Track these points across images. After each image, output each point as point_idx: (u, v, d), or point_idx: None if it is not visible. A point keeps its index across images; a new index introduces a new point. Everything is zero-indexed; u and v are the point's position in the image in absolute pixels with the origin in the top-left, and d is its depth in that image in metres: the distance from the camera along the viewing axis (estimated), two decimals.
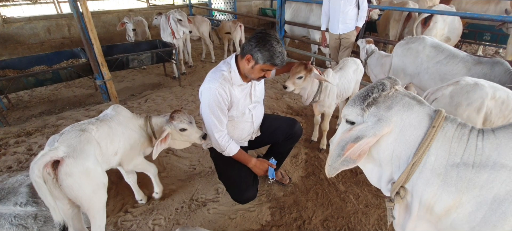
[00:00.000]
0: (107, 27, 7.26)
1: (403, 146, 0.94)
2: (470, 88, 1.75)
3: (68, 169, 1.33)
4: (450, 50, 2.53)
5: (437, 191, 0.89)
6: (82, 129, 1.53)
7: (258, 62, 1.63)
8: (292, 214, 2.09)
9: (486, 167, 0.82)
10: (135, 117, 1.90)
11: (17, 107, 3.92)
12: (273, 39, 1.59)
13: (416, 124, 0.92)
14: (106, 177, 1.55)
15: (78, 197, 1.40)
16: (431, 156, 0.89)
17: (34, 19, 6.29)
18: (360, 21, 3.69)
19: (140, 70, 5.43)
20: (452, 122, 0.91)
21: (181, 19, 4.49)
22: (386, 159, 0.99)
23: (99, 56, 3.50)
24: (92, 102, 4.02)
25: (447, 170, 0.87)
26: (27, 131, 3.19)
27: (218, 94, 1.71)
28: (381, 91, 0.98)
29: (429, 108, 0.94)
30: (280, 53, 1.60)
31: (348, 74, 2.68)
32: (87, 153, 1.43)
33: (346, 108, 1.06)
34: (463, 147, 0.87)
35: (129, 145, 1.80)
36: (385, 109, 0.95)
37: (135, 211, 2.09)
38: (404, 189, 0.97)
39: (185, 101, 4.00)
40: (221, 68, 1.78)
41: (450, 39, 4.28)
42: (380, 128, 0.93)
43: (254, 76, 1.71)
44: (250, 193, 1.98)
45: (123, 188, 2.26)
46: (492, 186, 0.81)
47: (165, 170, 2.52)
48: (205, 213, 2.08)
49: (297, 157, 2.73)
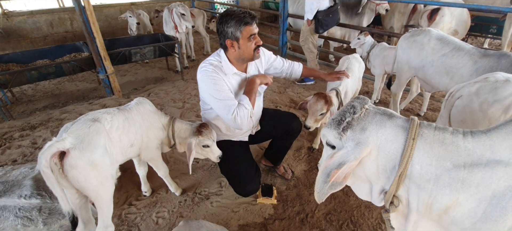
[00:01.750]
0: (109, 21, 7.25)
1: (386, 160, 0.97)
2: (499, 84, 1.64)
3: (73, 161, 1.34)
4: (456, 43, 2.48)
5: (431, 195, 0.91)
6: (94, 119, 1.51)
7: (237, 36, 1.59)
8: (295, 207, 2.09)
9: (479, 166, 0.83)
10: (158, 113, 1.89)
11: (21, 101, 3.95)
12: (229, 10, 1.60)
13: (392, 138, 0.95)
14: (115, 168, 1.56)
15: (84, 188, 1.41)
16: (416, 165, 0.91)
17: (36, 13, 6.29)
18: (308, 14, 3.85)
19: (143, 64, 5.43)
20: (428, 128, 0.94)
21: (184, 13, 4.47)
22: (374, 175, 1.02)
23: (101, 50, 3.49)
24: (95, 96, 4.03)
25: (437, 174, 0.88)
26: (31, 124, 3.21)
27: (211, 72, 1.66)
28: (353, 115, 1.01)
29: (400, 120, 0.97)
30: (243, 12, 1.58)
31: (354, 74, 2.57)
32: (95, 144, 1.42)
33: (324, 130, 1.09)
34: (449, 150, 0.88)
35: (147, 138, 1.79)
36: (360, 132, 0.98)
37: (139, 204, 2.11)
38: (397, 198, 0.99)
39: (188, 95, 4.00)
40: (209, 59, 1.77)
41: (457, 32, 4.20)
42: (359, 151, 0.96)
43: (248, 52, 1.65)
44: (252, 186, 1.98)
45: (127, 181, 2.27)
46: (489, 182, 0.81)
47: (169, 163, 2.52)
48: (208, 206, 2.09)
49: (299, 151, 2.73)
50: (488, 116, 1.69)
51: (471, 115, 1.77)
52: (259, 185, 2.09)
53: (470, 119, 1.78)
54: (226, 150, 1.97)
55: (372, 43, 3.49)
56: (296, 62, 2.18)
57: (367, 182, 1.08)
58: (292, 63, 2.16)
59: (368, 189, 1.10)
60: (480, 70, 2.25)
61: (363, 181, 1.09)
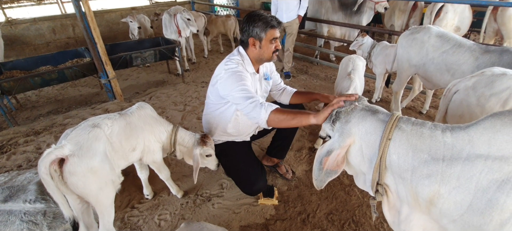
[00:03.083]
0: (110, 26, 7.32)
1: (368, 150, 1.07)
2: (496, 77, 1.64)
3: (72, 168, 1.35)
4: (456, 39, 2.47)
5: (412, 185, 0.96)
6: (94, 125, 1.53)
7: (261, 37, 1.67)
8: (296, 208, 2.09)
9: (458, 159, 0.86)
10: (161, 120, 1.92)
11: (25, 107, 4.00)
12: (257, 12, 1.68)
13: (372, 130, 1.06)
14: (115, 173, 1.57)
15: (84, 194, 1.42)
16: (393, 155, 0.99)
17: (39, 20, 6.38)
18: (301, 11, 4.23)
19: (144, 68, 5.47)
20: (406, 122, 1.01)
21: (190, 19, 4.56)
22: (360, 163, 1.13)
23: (102, 55, 3.53)
24: (98, 101, 4.07)
25: (414, 165, 0.94)
26: (35, 130, 3.25)
27: (237, 68, 1.70)
28: (340, 109, 1.19)
29: (383, 115, 1.08)
30: (271, 16, 1.68)
31: (361, 75, 2.56)
32: (94, 150, 1.43)
33: (323, 124, 1.28)
34: (427, 143, 0.93)
35: (149, 141, 1.81)
36: (344, 124, 1.13)
37: (141, 207, 2.12)
38: (382, 187, 1.08)
39: (189, 97, 4.02)
40: (234, 56, 1.79)
41: (460, 29, 4.18)
42: (342, 140, 1.11)
43: (268, 53, 1.73)
44: (260, 184, 1.99)
45: (130, 185, 2.29)
46: (470, 175, 0.84)
47: (170, 166, 2.54)
48: (210, 208, 2.10)
49: (300, 151, 2.73)
50: (486, 110, 1.68)
51: (468, 109, 1.76)
52: (266, 182, 2.10)
53: (468, 113, 1.77)
54: (230, 151, 1.98)
55: (372, 43, 3.48)
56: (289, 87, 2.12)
57: (361, 172, 1.18)
58: (285, 86, 2.12)
59: (363, 178, 1.20)
60: (481, 67, 2.23)
61: (357, 171, 1.21)
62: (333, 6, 4.86)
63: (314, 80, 4.68)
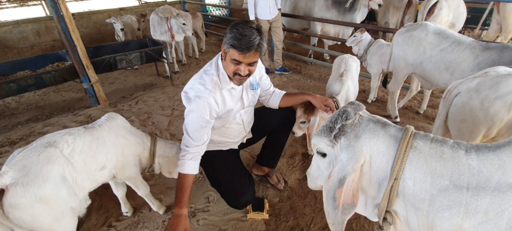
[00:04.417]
0: (98, 27, 7.08)
1: (377, 172, 0.90)
2: (501, 78, 1.49)
3: (13, 200, 1.12)
4: (455, 36, 2.33)
5: (428, 217, 0.80)
6: (48, 143, 1.31)
7: (226, 50, 1.44)
8: (289, 222, 1.93)
9: (486, 189, 0.72)
10: (135, 131, 1.74)
11: (3, 115, 3.78)
12: (244, 24, 1.39)
13: (384, 149, 0.88)
14: (77, 198, 1.36)
15: (34, 227, 1.19)
16: (408, 181, 0.83)
17: (22, 23, 6.12)
18: (278, 2, 4.34)
19: (132, 71, 5.27)
20: (423, 139, 0.85)
21: (185, 23, 4.45)
22: (366, 185, 0.95)
23: (83, 58, 3.33)
24: (81, 107, 3.86)
25: (433, 194, 0.79)
26: (11, 140, 3.04)
27: (207, 104, 1.51)
28: (345, 121, 0.93)
29: (394, 130, 0.90)
30: (245, 36, 1.34)
31: (354, 76, 2.40)
32: (45, 176, 1.21)
33: (314, 139, 1.01)
34: (449, 167, 0.78)
35: (123, 156, 1.61)
36: (354, 139, 0.90)
37: (120, 225, 1.94)
38: (391, 214, 0.92)
39: (177, 101, 3.84)
40: (209, 71, 1.58)
41: (454, 25, 4.08)
42: (356, 161, 0.88)
43: (228, 70, 1.50)
44: (247, 196, 1.83)
45: (107, 200, 2.11)
46: (501, 210, 0.70)
47: (153, 178, 2.36)
48: (194, 225, 1.93)
49: (293, 158, 2.57)
50: (490, 114, 1.54)
51: (471, 113, 1.62)
52: (255, 194, 1.94)
53: (470, 118, 1.63)
54: (215, 160, 1.82)
55: (370, 41, 3.33)
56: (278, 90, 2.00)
57: (362, 193, 1.00)
58: (274, 90, 1.99)
59: (363, 202, 1.03)
60: (481, 65, 2.11)
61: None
62: (326, 4, 4.72)
63: (308, 81, 4.52)
